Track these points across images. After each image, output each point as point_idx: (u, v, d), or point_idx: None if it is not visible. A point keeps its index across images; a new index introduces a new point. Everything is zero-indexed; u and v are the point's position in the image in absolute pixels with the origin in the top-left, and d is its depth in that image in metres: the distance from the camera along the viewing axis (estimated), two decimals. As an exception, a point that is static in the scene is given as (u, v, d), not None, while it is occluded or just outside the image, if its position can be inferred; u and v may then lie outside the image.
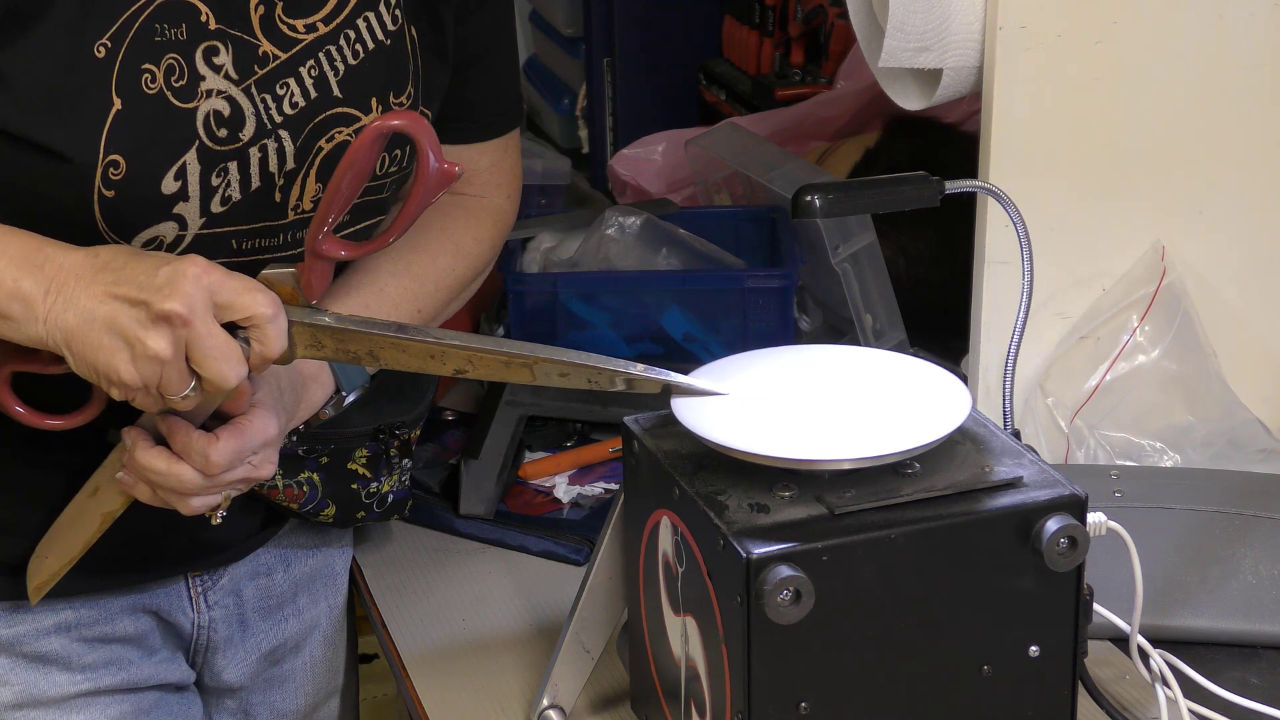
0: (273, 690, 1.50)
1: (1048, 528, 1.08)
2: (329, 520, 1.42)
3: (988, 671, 1.11)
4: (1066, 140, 1.53)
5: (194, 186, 1.21)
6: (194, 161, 1.21)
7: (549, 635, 1.42)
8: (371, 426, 1.40)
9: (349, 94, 1.28)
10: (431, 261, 1.39)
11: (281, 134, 1.25)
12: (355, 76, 1.28)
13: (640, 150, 2.31)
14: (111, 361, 1.10)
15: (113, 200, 1.19)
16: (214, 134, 1.21)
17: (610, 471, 1.69)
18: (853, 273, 1.78)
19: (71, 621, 1.35)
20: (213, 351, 1.10)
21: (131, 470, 1.20)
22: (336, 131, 1.28)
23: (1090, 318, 1.59)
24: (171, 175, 1.20)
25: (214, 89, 1.21)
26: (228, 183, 1.23)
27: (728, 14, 2.51)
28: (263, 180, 1.25)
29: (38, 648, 1.34)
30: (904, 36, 1.49)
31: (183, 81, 1.20)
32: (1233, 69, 1.55)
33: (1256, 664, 1.33)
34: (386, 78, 1.30)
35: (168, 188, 1.20)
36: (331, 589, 1.53)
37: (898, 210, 1.41)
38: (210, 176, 1.22)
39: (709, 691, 1.13)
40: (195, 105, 1.20)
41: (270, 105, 1.24)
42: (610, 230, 1.87)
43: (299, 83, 1.25)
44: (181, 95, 1.20)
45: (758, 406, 1.16)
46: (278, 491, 1.37)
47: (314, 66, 1.25)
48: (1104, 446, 1.57)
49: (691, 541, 1.11)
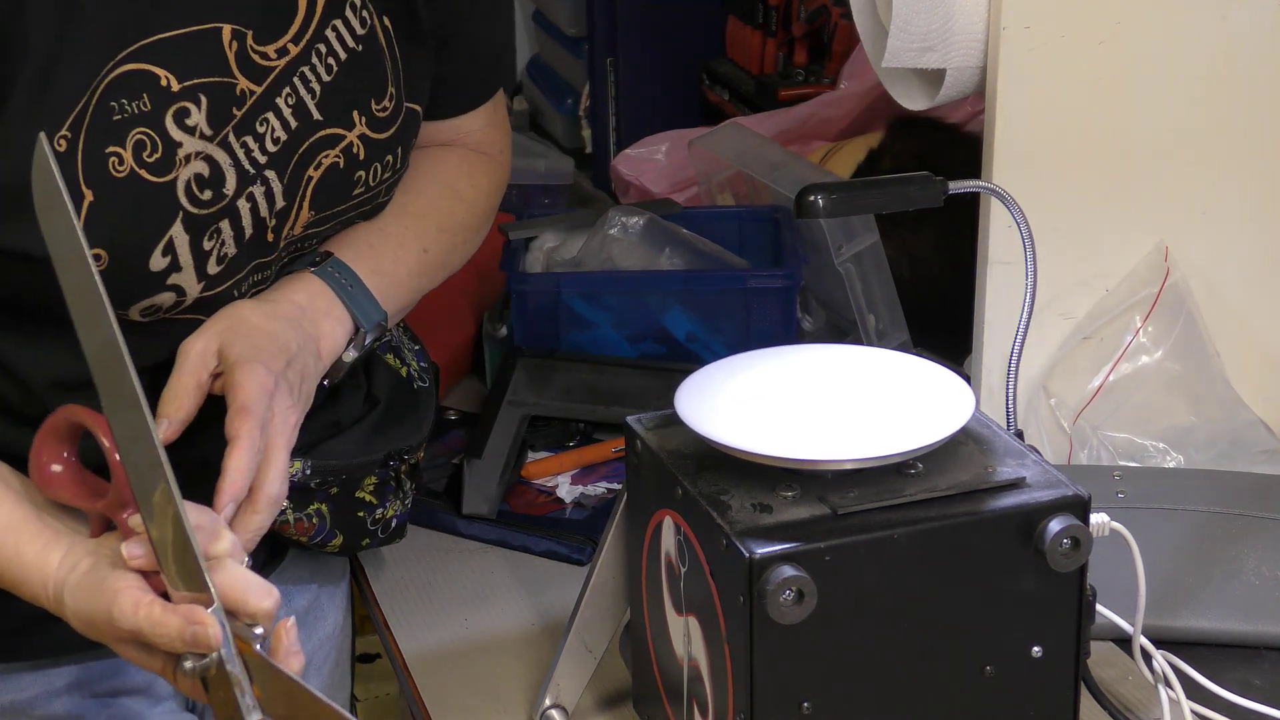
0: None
1: (1050, 528, 1.08)
2: (334, 550, 1.39)
3: (990, 672, 1.11)
4: (1070, 140, 1.53)
5: (185, 257, 1.17)
6: (180, 233, 1.16)
7: (551, 635, 1.42)
8: (382, 454, 1.37)
9: (329, 115, 1.23)
10: (430, 204, 1.36)
11: (268, 174, 1.20)
12: (333, 94, 1.23)
13: (643, 150, 2.31)
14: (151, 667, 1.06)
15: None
16: (197, 199, 1.16)
17: (613, 471, 1.69)
18: (856, 273, 1.78)
19: (82, 679, 1.30)
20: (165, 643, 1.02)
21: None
22: (323, 156, 1.24)
23: (1093, 318, 1.59)
24: (159, 253, 1.15)
25: (191, 152, 1.15)
26: (221, 242, 1.18)
27: (731, 14, 2.50)
28: (255, 228, 1.20)
29: (51, 710, 1.29)
30: (907, 37, 1.49)
31: (156, 154, 1.14)
32: (1237, 69, 1.55)
33: (1259, 665, 1.32)
34: (364, 87, 1.26)
35: (156, 265, 1.16)
36: (322, 622, 1.49)
37: (901, 210, 1.41)
38: (202, 242, 1.17)
39: (711, 691, 1.13)
40: (174, 175, 1.15)
41: (252, 148, 1.19)
42: (613, 230, 1.87)
43: (278, 116, 1.20)
44: (157, 169, 1.14)
45: (761, 406, 1.16)
46: (288, 525, 1.34)
47: (290, 95, 1.21)
48: (1107, 447, 1.57)
49: (694, 541, 1.11)
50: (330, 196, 1.26)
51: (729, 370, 1.21)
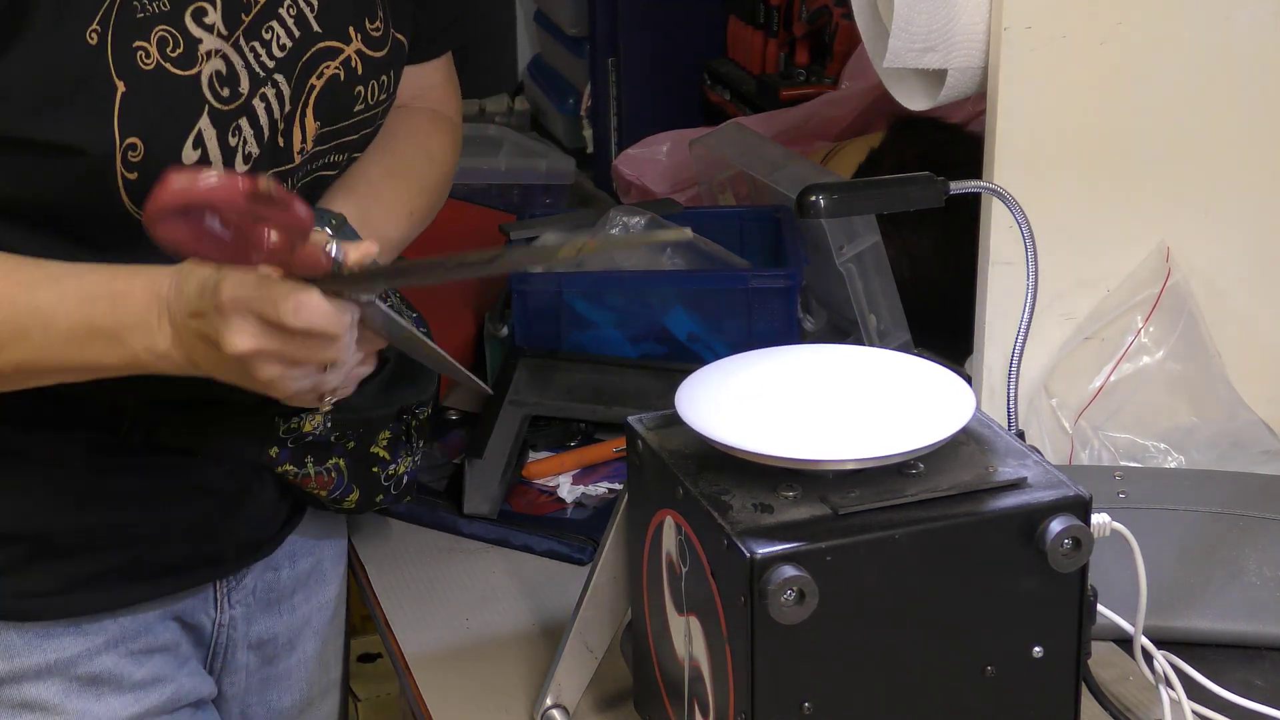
0: (269, 689, 1.50)
1: (1052, 528, 1.08)
2: (350, 506, 1.42)
3: (991, 672, 1.11)
4: (1071, 141, 1.53)
5: (214, 151, 1.21)
6: (208, 126, 1.21)
7: (552, 635, 1.42)
8: (396, 407, 1.41)
9: (328, 27, 1.28)
10: (411, 166, 1.41)
11: (276, 78, 1.25)
12: (330, 8, 1.28)
13: (645, 150, 2.31)
14: (262, 394, 1.12)
15: (136, 183, 1.18)
16: (219, 94, 1.21)
17: (614, 471, 1.69)
18: (857, 273, 1.78)
19: (118, 636, 1.33)
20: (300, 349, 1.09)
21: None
22: (325, 66, 1.28)
23: (1095, 318, 1.59)
24: (190, 144, 1.20)
25: (211, 49, 1.21)
26: (244, 140, 1.23)
27: (732, 14, 2.51)
28: (270, 129, 1.25)
29: (92, 668, 1.32)
30: (909, 37, 1.49)
31: (179, 50, 1.19)
32: (1239, 69, 1.55)
33: (1260, 665, 1.32)
34: (360, 5, 1.31)
35: (188, 157, 1.20)
36: (324, 585, 1.52)
37: (902, 210, 1.42)
38: (227, 137, 1.22)
39: (712, 692, 1.13)
40: (197, 70, 1.20)
41: (260, 52, 1.24)
42: (614, 230, 1.87)
43: (281, 24, 1.25)
44: (180, 63, 1.19)
45: (762, 406, 1.16)
46: (309, 479, 1.38)
47: (291, 5, 1.26)
48: (1108, 447, 1.57)
49: (695, 541, 1.11)
50: (332, 108, 1.30)
51: (730, 370, 1.21)
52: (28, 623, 1.30)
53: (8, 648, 1.30)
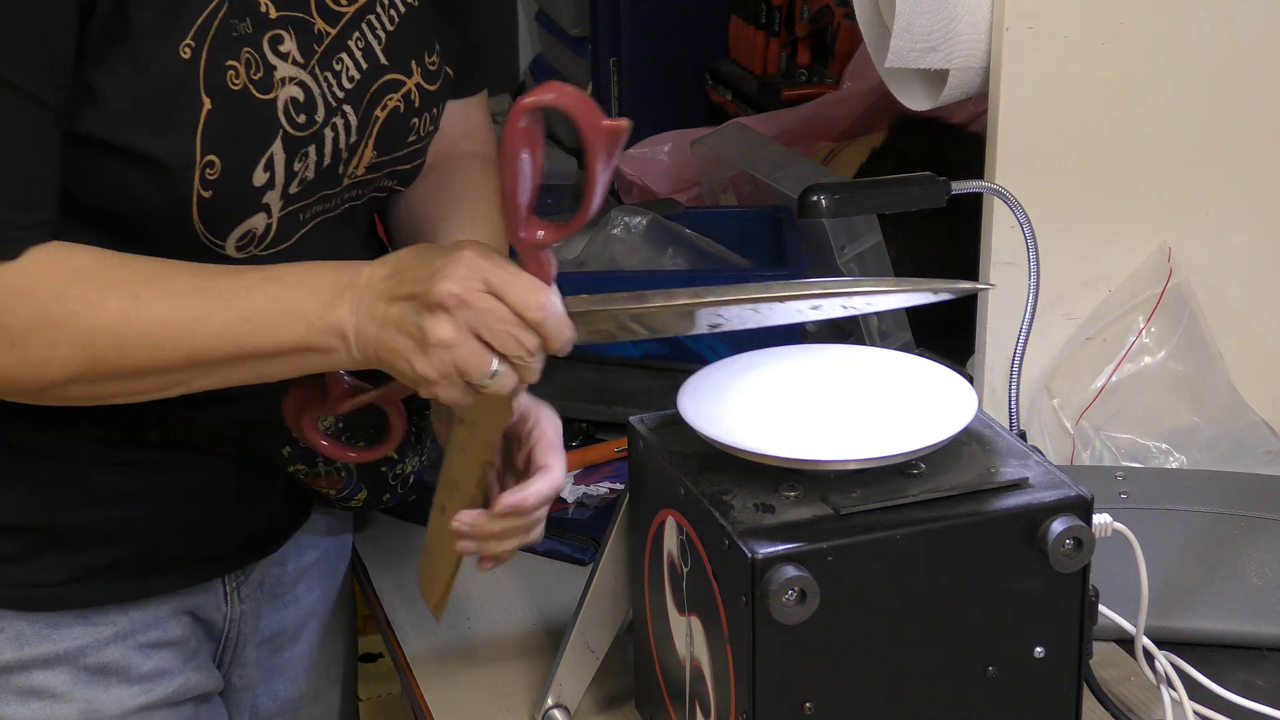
0: (275, 680, 1.51)
1: (1053, 529, 1.08)
2: (358, 505, 1.43)
3: (992, 672, 1.11)
4: (1073, 141, 1.53)
5: (279, 175, 1.22)
6: (280, 151, 1.22)
7: (554, 635, 1.42)
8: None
9: (393, 59, 1.30)
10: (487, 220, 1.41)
11: (345, 109, 1.26)
12: (396, 41, 1.30)
13: (646, 150, 2.31)
14: (409, 360, 1.12)
15: (210, 200, 1.19)
16: (294, 120, 1.22)
17: (615, 471, 1.69)
18: (858, 273, 1.78)
19: (127, 629, 1.34)
20: (503, 321, 1.10)
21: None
22: (389, 98, 1.30)
23: (1096, 319, 1.59)
24: (261, 167, 1.21)
25: (286, 76, 1.22)
26: (307, 166, 1.24)
27: (734, 14, 2.51)
28: (333, 157, 1.26)
29: (100, 658, 1.33)
30: (911, 37, 1.49)
31: (260, 74, 1.20)
32: (1240, 70, 1.55)
33: (1262, 666, 1.32)
34: (420, 39, 1.32)
35: (258, 179, 1.21)
36: (329, 577, 1.53)
37: (904, 210, 1.42)
38: (293, 163, 1.23)
39: (713, 692, 1.13)
40: (274, 95, 1.21)
41: (331, 83, 1.25)
42: (616, 230, 1.87)
43: (350, 56, 1.27)
44: (261, 87, 1.21)
45: (763, 406, 1.16)
46: (320, 479, 1.39)
47: (359, 38, 1.27)
48: (1110, 447, 1.57)
49: (697, 541, 1.11)
50: (390, 139, 1.32)
51: (732, 370, 1.21)
52: (38, 612, 1.31)
53: (17, 636, 1.30)
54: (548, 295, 1.12)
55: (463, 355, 1.11)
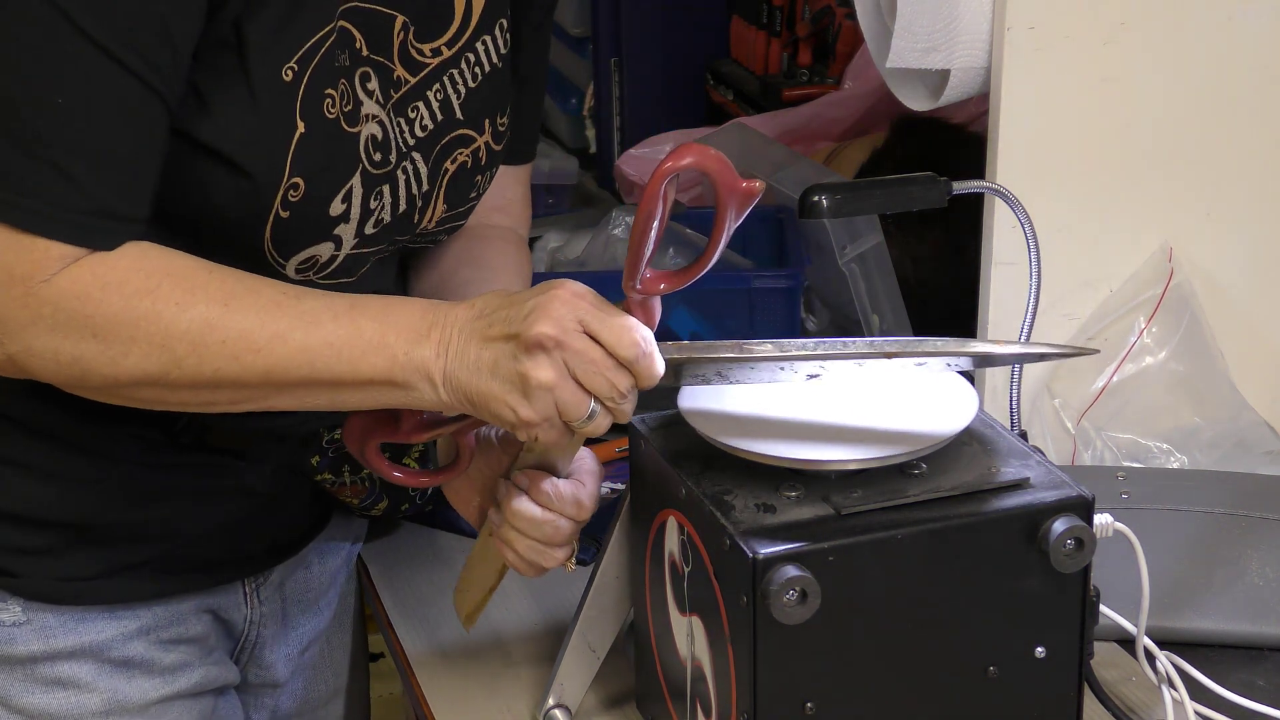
0: (296, 679, 1.52)
1: (1054, 529, 1.08)
2: (378, 513, 1.46)
3: (993, 673, 1.11)
4: (1074, 141, 1.53)
5: (356, 209, 1.22)
6: (358, 185, 1.22)
7: (555, 634, 1.42)
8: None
9: (468, 116, 1.30)
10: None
11: (414, 156, 1.27)
12: (474, 99, 1.30)
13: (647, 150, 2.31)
14: (510, 405, 1.11)
15: (285, 220, 1.19)
16: (372, 158, 1.23)
17: (617, 471, 1.68)
18: (859, 273, 1.77)
19: (150, 624, 1.36)
20: (597, 363, 1.10)
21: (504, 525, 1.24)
22: (459, 153, 1.31)
23: (1097, 319, 1.59)
24: (339, 198, 1.21)
25: (369, 114, 1.22)
26: (382, 205, 1.24)
27: (735, 14, 2.51)
28: (407, 203, 1.27)
29: (124, 652, 1.34)
30: (912, 37, 1.49)
31: (350, 106, 1.20)
32: (1241, 70, 1.55)
33: (1263, 666, 1.32)
34: (497, 99, 1.33)
35: (335, 210, 1.21)
36: (350, 580, 1.57)
37: (905, 211, 1.41)
38: (370, 200, 1.23)
39: (714, 692, 1.13)
40: (359, 130, 1.21)
41: (404, 128, 1.26)
42: (617, 230, 1.87)
43: (427, 106, 1.27)
44: (349, 120, 1.21)
45: (764, 407, 1.16)
46: (344, 488, 1.41)
47: (439, 90, 1.28)
48: (1111, 448, 1.57)
49: (698, 541, 1.11)
50: (457, 194, 1.33)
51: (733, 370, 1.21)
52: (65, 606, 1.32)
53: (44, 628, 1.31)
54: (642, 331, 1.11)
55: (563, 397, 1.11)
